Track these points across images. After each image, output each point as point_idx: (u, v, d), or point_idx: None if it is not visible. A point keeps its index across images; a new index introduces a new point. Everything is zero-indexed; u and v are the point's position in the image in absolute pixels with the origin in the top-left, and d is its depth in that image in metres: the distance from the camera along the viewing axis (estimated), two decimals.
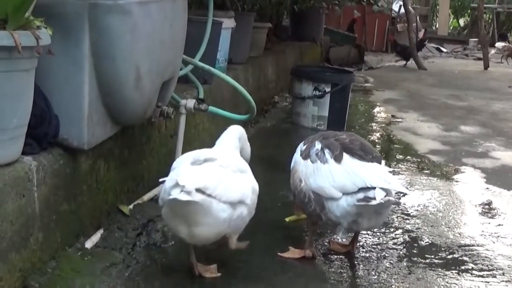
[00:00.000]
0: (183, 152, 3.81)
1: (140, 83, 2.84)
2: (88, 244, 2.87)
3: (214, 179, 2.57)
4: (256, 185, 2.84)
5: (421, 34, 16.68)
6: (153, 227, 3.23)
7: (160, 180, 2.65)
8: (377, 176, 2.75)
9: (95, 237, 2.95)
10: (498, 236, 3.48)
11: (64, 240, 2.73)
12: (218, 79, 4.14)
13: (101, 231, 3.02)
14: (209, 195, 2.50)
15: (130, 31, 2.69)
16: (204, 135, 4.57)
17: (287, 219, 3.42)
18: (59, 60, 2.56)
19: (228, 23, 5.08)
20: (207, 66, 3.94)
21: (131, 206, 3.33)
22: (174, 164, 2.79)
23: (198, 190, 2.46)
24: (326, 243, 3.25)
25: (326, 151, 2.92)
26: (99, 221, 3.07)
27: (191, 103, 3.80)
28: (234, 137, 3.06)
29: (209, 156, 2.70)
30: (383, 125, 6.59)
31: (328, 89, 5.88)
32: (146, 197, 3.51)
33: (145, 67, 2.85)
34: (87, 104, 2.65)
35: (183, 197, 2.40)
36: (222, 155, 2.77)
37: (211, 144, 3.03)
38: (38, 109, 2.50)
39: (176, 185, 2.43)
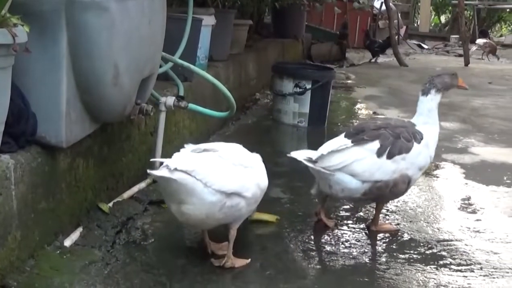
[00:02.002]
0: (163, 150, 3.83)
1: (119, 80, 2.83)
2: (67, 242, 2.87)
3: (207, 166, 2.63)
4: (263, 182, 2.91)
5: (402, 31, 16.79)
6: (133, 224, 3.23)
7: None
8: (322, 148, 3.25)
9: (74, 235, 2.94)
10: (477, 231, 3.50)
11: (43, 239, 2.72)
12: (198, 76, 4.13)
13: (80, 229, 3.01)
14: (198, 179, 2.56)
15: (107, 28, 2.69)
16: (184, 133, 4.57)
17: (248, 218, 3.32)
18: (37, 58, 2.55)
19: (209, 20, 5.08)
20: (186, 63, 3.94)
21: (110, 204, 3.32)
22: None
23: (185, 172, 2.53)
24: (306, 240, 3.26)
25: None
26: (78, 219, 3.06)
27: (170, 100, 3.80)
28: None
29: (209, 147, 2.79)
30: (367, 117, 6.62)
31: (308, 86, 5.89)
32: (126, 194, 3.51)
33: (124, 64, 2.84)
34: (64, 102, 2.64)
35: (161, 172, 2.51)
36: (224, 148, 2.83)
37: (191, 142, 3.03)
38: (16, 107, 2.49)
39: (165, 165, 2.54)
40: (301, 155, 3.27)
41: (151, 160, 2.67)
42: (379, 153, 3.19)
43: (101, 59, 2.72)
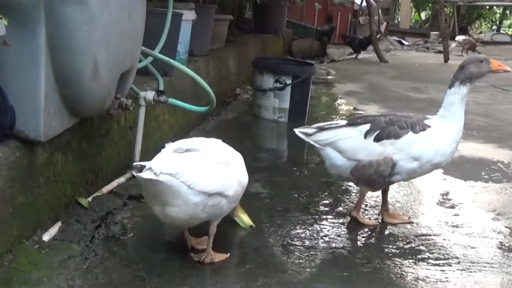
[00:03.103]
0: (142, 144, 3.82)
1: (98, 74, 2.82)
2: (46, 237, 2.85)
3: (190, 168, 2.60)
4: (244, 178, 2.91)
5: (383, 27, 16.85)
6: (112, 219, 3.23)
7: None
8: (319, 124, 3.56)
9: (53, 230, 2.93)
10: (455, 226, 3.53)
11: (21, 233, 2.70)
12: (178, 71, 4.13)
13: (59, 224, 3.00)
14: (182, 182, 2.55)
15: (87, 22, 2.67)
16: (164, 127, 4.56)
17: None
18: (15, 51, 2.54)
19: (189, 15, 5.06)
20: (166, 58, 3.92)
21: (89, 199, 3.31)
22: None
23: (170, 175, 2.51)
24: (285, 234, 3.26)
25: None
26: (57, 213, 3.04)
27: (150, 95, 3.79)
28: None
29: (192, 146, 2.76)
30: (344, 117, 6.63)
31: (289, 81, 5.91)
32: (105, 189, 3.50)
33: (103, 58, 2.83)
34: (43, 96, 2.63)
35: (146, 175, 2.47)
36: (206, 146, 2.80)
37: (171, 137, 3.02)
38: None
39: (148, 168, 2.50)
40: (302, 130, 3.52)
41: (134, 164, 2.65)
42: (366, 135, 3.33)
43: (80, 53, 2.71)
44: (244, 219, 3.34)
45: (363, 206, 3.65)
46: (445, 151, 3.34)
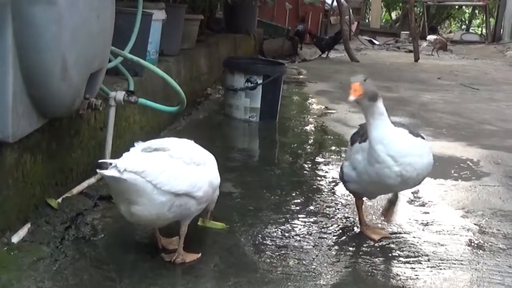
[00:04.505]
0: (113, 145, 3.80)
1: (67, 74, 2.79)
2: (15, 238, 2.82)
3: (157, 167, 2.60)
4: (215, 179, 2.92)
5: (354, 27, 16.97)
6: (82, 220, 3.20)
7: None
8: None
9: (22, 232, 2.90)
10: (425, 224, 3.56)
11: None
12: (149, 71, 4.11)
13: (28, 225, 2.97)
14: (148, 181, 2.54)
15: (55, 22, 2.65)
16: (135, 128, 4.54)
17: (200, 223, 3.30)
18: None
19: (159, 15, 5.05)
20: (136, 58, 3.91)
21: (59, 200, 3.28)
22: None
23: (136, 173, 2.50)
24: (256, 234, 3.27)
25: None
26: (26, 215, 3.01)
27: (120, 95, 3.77)
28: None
29: (160, 145, 2.75)
30: (315, 116, 6.67)
31: (260, 81, 5.92)
32: (75, 190, 3.47)
33: (72, 58, 2.81)
34: (11, 96, 2.60)
35: (110, 172, 2.47)
36: (176, 146, 2.79)
37: (142, 137, 3.01)
38: None
39: (114, 165, 2.50)
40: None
41: (100, 161, 2.64)
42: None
43: (49, 53, 2.68)
44: (218, 225, 3.32)
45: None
46: (369, 170, 3.10)
